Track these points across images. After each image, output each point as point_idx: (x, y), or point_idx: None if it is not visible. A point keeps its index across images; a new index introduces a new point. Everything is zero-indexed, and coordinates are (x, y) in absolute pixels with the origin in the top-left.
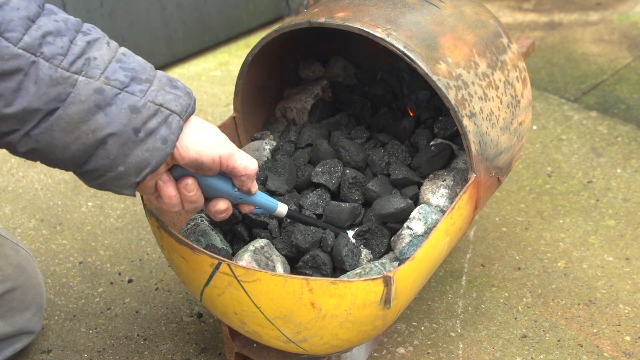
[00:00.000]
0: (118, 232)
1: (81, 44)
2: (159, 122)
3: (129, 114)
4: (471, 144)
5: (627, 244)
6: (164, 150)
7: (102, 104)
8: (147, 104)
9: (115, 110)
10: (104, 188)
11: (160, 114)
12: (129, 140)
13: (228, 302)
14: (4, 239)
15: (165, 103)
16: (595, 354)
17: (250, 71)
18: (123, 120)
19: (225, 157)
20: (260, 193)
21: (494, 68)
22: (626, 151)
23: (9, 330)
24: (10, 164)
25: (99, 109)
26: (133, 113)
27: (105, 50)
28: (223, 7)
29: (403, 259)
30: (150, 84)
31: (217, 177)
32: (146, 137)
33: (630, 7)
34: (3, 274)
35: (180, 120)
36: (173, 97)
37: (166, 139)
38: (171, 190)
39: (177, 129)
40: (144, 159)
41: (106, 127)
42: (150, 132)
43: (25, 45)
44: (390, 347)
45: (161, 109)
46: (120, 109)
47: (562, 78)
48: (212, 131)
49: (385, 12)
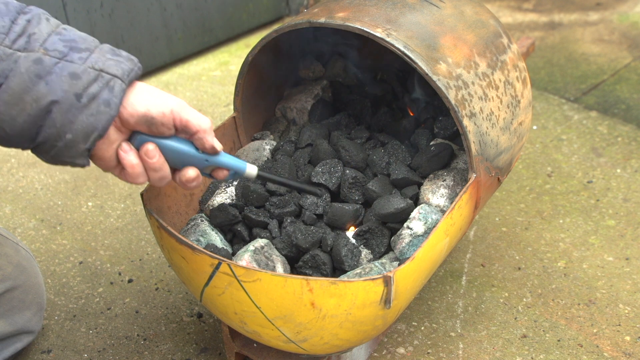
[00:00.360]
0: (118, 232)
1: (22, 23)
2: (100, 86)
3: (69, 80)
4: (471, 144)
5: (627, 244)
6: (108, 113)
7: (42, 73)
8: (87, 69)
9: (55, 78)
10: (59, 161)
11: (101, 78)
12: (72, 107)
13: (228, 302)
14: (4, 239)
15: (105, 68)
16: (595, 354)
17: (250, 71)
18: (64, 87)
19: (177, 111)
20: (225, 154)
21: (494, 68)
22: (626, 151)
23: (9, 330)
24: (10, 164)
25: (40, 79)
26: (73, 79)
27: (44, 25)
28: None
29: (403, 259)
30: (90, 52)
31: (177, 140)
32: (89, 102)
33: (630, 7)
34: (3, 273)
35: (123, 83)
36: (114, 62)
37: (109, 101)
38: (132, 158)
39: (120, 92)
40: (90, 124)
41: (47, 95)
42: (92, 97)
43: None
44: (390, 347)
45: (102, 74)
46: (60, 77)
47: (562, 78)
48: (161, 91)
49: (386, 12)
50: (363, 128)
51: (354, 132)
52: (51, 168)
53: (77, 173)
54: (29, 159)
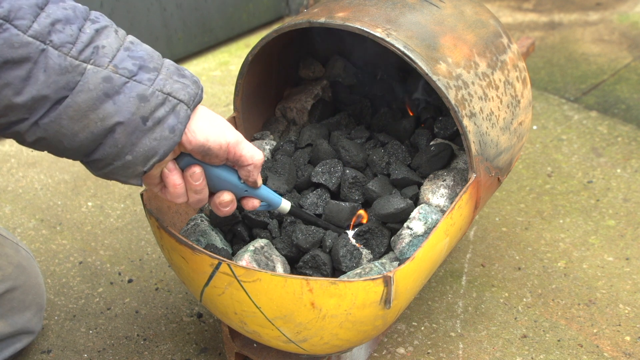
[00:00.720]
0: (118, 232)
1: (90, 32)
2: (167, 111)
3: (137, 102)
4: (471, 144)
5: (627, 244)
6: (172, 139)
7: (111, 93)
8: (155, 92)
9: (123, 98)
10: (111, 177)
11: (168, 102)
12: (137, 129)
13: (228, 302)
14: (4, 239)
15: (173, 92)
16: (595, 354)
17: (250, 71)
18: (131, 109)
19: (233, 145)
20: (265, 187)
21: (494, 68)
22: (626, 151)
23: (9, 330)
24: (10, 164)
25: (108, 97)
26: (141, 102)
27: (113, 38)
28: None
29: (403, 259)
30: (158, 73)
31: (223, 168)
32: (154, 126)
33: (630, 7)
34: (3, 274)
35: (188, 109)
36: (181, 86)
37: (174, 128)
38: (177, 178)
39: (185, 118)
40: (152, 148)
41: (114, 115)
42: (158, 121)
43: (35, 33)
44: (390, 347)
45: (169, 98)
46: (128, 98)
47: (562, 78)
48: (220, 120)
49: (385, 12)
50: (363, 128)
51: (354, 132)
52: (51, 168)
53: (77, 173)
54: (29, 159)
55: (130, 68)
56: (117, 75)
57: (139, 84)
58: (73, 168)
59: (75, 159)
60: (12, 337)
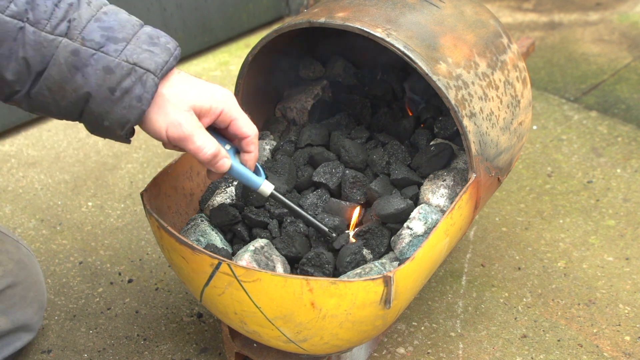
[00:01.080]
0: (118, 232)
1: (64, 7)
2: (133, 81)
3: (103, 74)
4: (471, 144)
5: (627, 244)
6: (140, 107)
7: (79, 65)
8: (121, 63)
9: (90, 71)
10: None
11: (134, 73)
12: (107, 99)
13: (228, 302)
14: (4, 236)
15: (139, 62)
16: (595, 354)
17: (250, 71)
18: (98, 81)
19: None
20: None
21: (494, 68)
22: (626, 151)
23: (10, 327)
24: (10, 164)
25: (77, 70)
26: (107, 74)
27: (84, 9)
28: (223, 7)
29: (403, 259)
30: (127, 43)
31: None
32: (122, 96)
33: (630, 7)
34: (4, 269)
35: (155, 77)
36: (148, 55)
37: (141, 97)
38: None
39: (152, 87)
40: (123, 116)
41: (83, 86)
42: (125, 91)
43: (12, 12)
44: (390, 347)
45: (135, 68)
46: (95, 70)
47: (562, 78)
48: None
49: (386, 12)
50: (363, 128)
51: (354, 132)
52: (51, 168)
53: (77, 173)
54: (29, 159)
55: (98, 40)
56: (84, 48)
57: (105, 55)
58: (73, 168)
59: (71, 121)
60: (12, 334)
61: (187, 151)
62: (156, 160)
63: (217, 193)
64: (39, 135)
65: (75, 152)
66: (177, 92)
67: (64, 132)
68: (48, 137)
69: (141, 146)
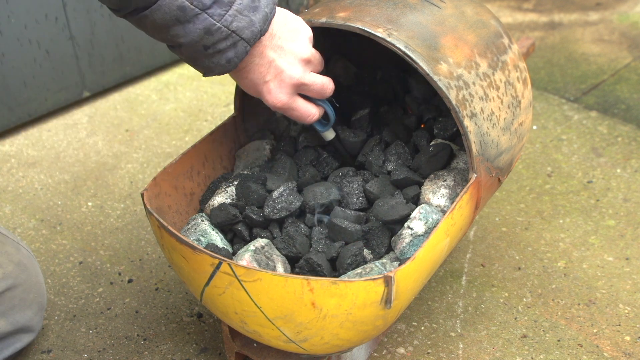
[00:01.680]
0: (118, 232)
1: None
2: (227, 45)
3: (203, 34)
4: (472, 145)
5: (627, 244)
6: (226, 67)
7: (182, 20)
8: (221, 28)
9: (192, 27)
10: None
11: (231, 38)
12: (198, 52)
13: (228, 302)
14: (4, 237)
15: (237, 30)
16: (595, 354)
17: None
18: (196, 38)
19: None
20: None
21: (495, 68)
22: (626, 151)
23: (10, 329)
24: (10, 164)
25: (179, 23)
26: (206, 34)
27: None
28: None
29: (403, 259)
30: (229, 8)
31: None
32: (214, 54)
33: (630, 7)
34: (4, 271)
35: (248, 46)
36: (247, 24)
37: (230, 60)
38: None
39: (243, 54)
40: (208, 67)
41: (181, 37)
42: (218, 51)
43: None
44: (390, 347)
45: (232, 35)
46: (196, 28)
47: (562, 78)
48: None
49: (387, 12)
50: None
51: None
52: (51, 168)
53: (77, 173)
54: (29, 159)
55: (205, 2)
56: (191, 7)
57: (209, 17)
58: (73, 168)
59: None
60: (12, 336)
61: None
62: (156, 160)
63: (217, 193)
64: (39, 135)
65: (75, 152)
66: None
67: (64, 132)
68: (48, 137)
69: (141, 146)
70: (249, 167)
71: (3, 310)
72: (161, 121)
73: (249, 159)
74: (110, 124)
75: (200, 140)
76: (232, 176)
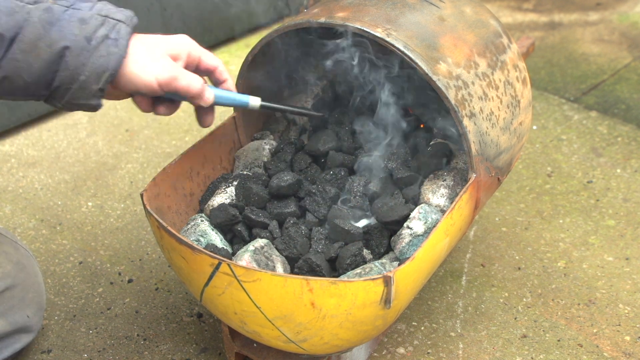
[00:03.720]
0: (118, 232)
1: None
2: (107, 29)
3: (79, 25)
4: (471, 144)
5: (627, 244)
6: (118, 53)
7: (53, 20)
8: (94, 15)
9: (65, 24)
10: (74, 105)
11: (108, 23)
12: (84, 49)
13: (228, 302)
14: (3, 237)
15: (110, 14)
16: (595, 354)
17: (250, 71)
18: (74, 31)
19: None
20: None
21: (494, 68)
22: (626, 151)
23: (9, 329)
24: (10, 164)
25: (51, 25)
26: (82, 24)
27: None
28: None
29: (403, 259)
30: (94, 3)
31: None
32: (98, 44)
33: (630, 7)
34: (3, 271)
35: (127, 26)
36: (116, 10)
37: (117, 43)
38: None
39: (126, 34)
40: (101, 65)
41: (60, 40)
42: (101, 39)
43: None
44: (390, 347)
45: (107, 19)
46: (69, 22)
47: (562, 78)
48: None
49: (386, 12)
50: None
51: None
52: (51, 168)
53: (77, 173)
54: (28, 159)
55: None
56: (56, 6)
57: (77, 10)
58: (73, 168)
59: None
60: (11, 336)
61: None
62: (156, 160)
63: (217, 193)
64: (39, 135)
65: (75, 152)
66: (148, 42)
67: (64, 132)
68: (48, 137)
69: (141, 146)
70: (249, 167)
71: (2, 310)
72: (161, 121)
73: (248, 159)
74: (110, 124)
75: (199, 140)
76: (232, 177)
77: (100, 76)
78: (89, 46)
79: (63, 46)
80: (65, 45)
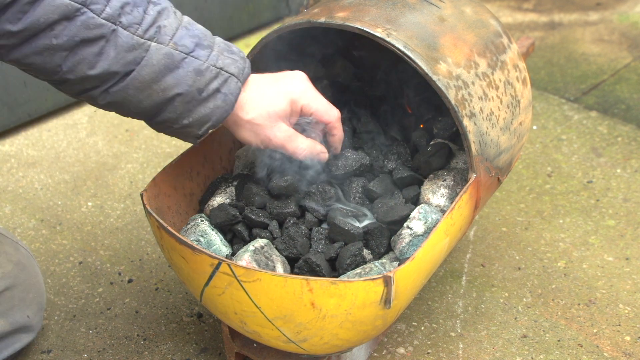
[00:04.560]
0: (118, 232)
1: (153, 14)
2: (219, 83)
3: (194, 76)
4: (471, 144)
5: (627, 244)
6: (224, 108)
7: (171, 67)
8: (210, 67)
9: (182, 72)
10: (172, 135)
11: (221, 76)
12: (194, 99)
13: (228, 302)
14: (3, 237)
15: (224, 67)
16: (595, 354)
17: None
18: (189, 82)
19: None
20: None
21: (494, 68)
22: (626, 151)
23: (9, 329)
24: (10, 164)
25: (168, 71)
26: (197, 75)
27: (172, 18)
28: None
29: (403, 259)
30: (211, 50)
31: None
32: (208, 97)
33: (630, 7)
34: (3, 271)
35: (238, 82)
36: (231, 61)
37: (226, 98)
38: None
39: (236, 90)
40: (206, 115)
41: (174, 87)
42: (212, 93)
43: (107, 15)
44: (390, 347)
45: (221, 72)
46: (186, 72)
47: (562, 78)
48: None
49: (386, 12)
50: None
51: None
52: (51, 168)
53: (77, 173)
54: (28, 159)
55: (188, 45)
56: (176, 52)
57: (195, 59)
58: (73, 168)
59: (140, 120)
60: (11, 336)
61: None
62: (156, 160)
63: (217, 193)
64: (39, 135)
65: (75, 152)
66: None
67: (64, 132)
68: (48, 137)
69: (141, 146)
70: (249, 167)
71: (2, 310)
72: None
73: (248, 159)
74: (110, 124)
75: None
76: (232, 177)
77: (202, 124)
78: (199, 97)
79: (176, 93)
80: (178, 93)
